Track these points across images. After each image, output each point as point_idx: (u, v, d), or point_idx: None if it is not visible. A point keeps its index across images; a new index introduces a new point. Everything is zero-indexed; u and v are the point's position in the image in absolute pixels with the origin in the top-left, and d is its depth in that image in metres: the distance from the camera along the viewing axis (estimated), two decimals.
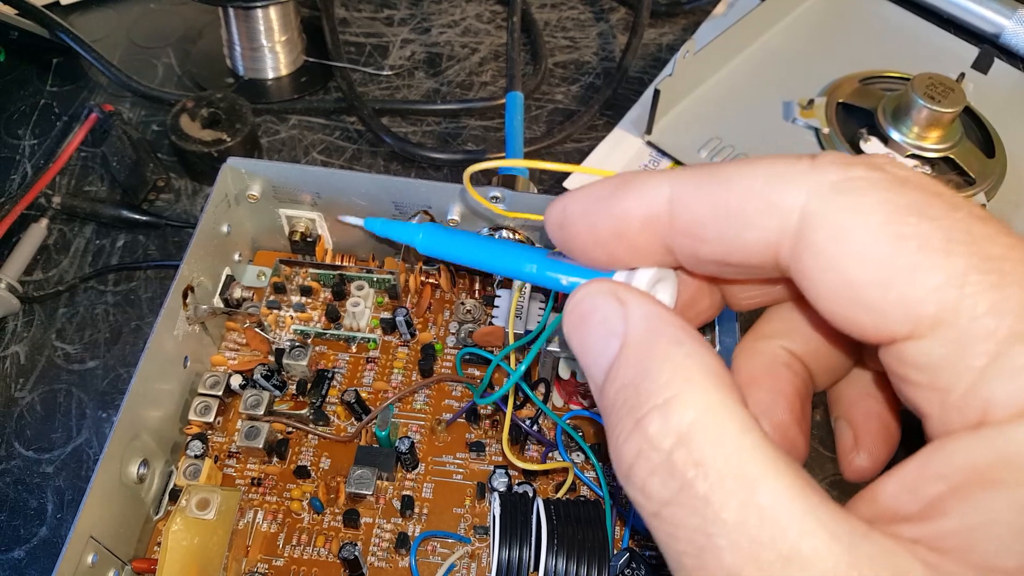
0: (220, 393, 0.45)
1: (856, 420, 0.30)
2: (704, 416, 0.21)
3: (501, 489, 0.42)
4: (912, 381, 0.21)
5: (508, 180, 0.52)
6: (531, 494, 0.42)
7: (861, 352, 0.29)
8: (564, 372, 0.44)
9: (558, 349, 0.43)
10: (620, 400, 0.22)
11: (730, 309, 0.30)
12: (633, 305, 0.24)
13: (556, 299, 0.40)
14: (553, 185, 0.60)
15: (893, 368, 0.22)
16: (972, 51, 0.69)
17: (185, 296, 0.44)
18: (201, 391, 0.46)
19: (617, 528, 0.43)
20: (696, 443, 0.20)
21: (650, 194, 0.24)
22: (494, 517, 0.39)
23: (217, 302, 0.48)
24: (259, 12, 0.62)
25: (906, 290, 0.20)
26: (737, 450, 0.20)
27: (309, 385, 0.47)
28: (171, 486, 0.43)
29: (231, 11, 0.62)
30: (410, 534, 0.43)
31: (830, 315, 0.22)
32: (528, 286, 0.48)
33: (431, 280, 0.51)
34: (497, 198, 0.46)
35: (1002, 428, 0.19)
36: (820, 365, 0.29)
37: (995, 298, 0.19)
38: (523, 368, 0.33)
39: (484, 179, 0.60)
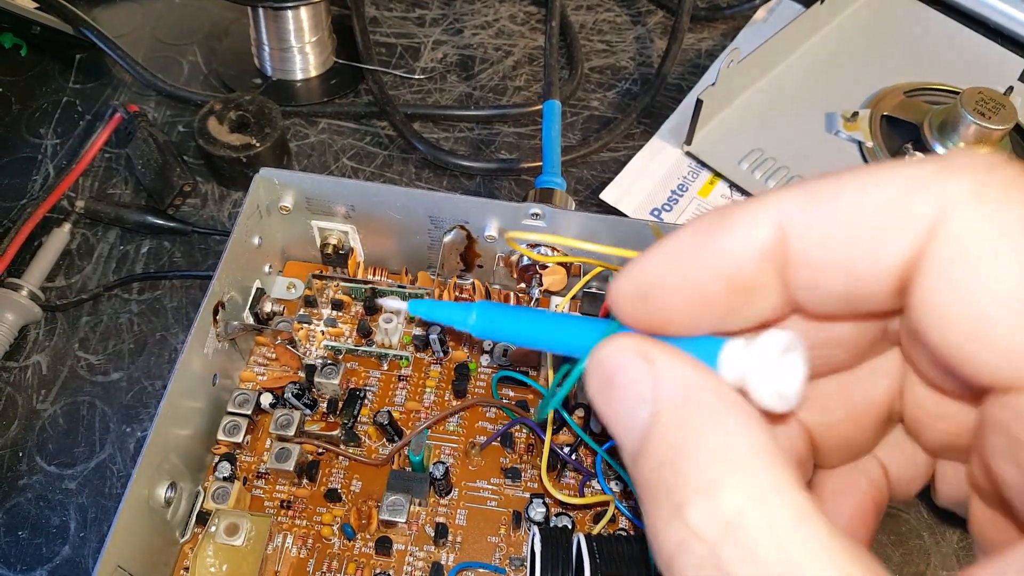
0: (250, 412, 0.44)
1: (835, 496, 0.27)
2: (754, 503, 0.18)
3: (538, 519, 0.41)
4: (1016, 437, 0.19)
5: (545, 194, 0.51)
6: (570, 526, 0.41)
7: (886, 430, 0.26)
8: None
9: None
10: (656, 479, 0.20)
11: None
12: (664, 367, 0.21)
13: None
14: (589, 196, 0.59)
15: (995, 422, 0.19)
16: (1020, 63, 0.67)
17: (216, 313, 0.42)
18: (231, 409, 0.44)
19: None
20: (745, 535, 0.18)
21: (756, 222, 0.20)
22: (534, 553, 0.37)
23: (247, 317, 0.46)
24: (289, 12, 0.60)
25: None
26: (794, 543, 0.17)
27: (340, 404, 0.46)
28: (198, 508, 0.42)
29: (260, 10, 0.60)
30: (443, 563, 0.41)
31: (942, 349, 0.19)
32: (566, 305, 0.47)
33: (464, 295, 0.50)
34: (537, 215, 0.45)
35: None
36: (834, 442, 0.26)
37: None
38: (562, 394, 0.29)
39: (520, 194, 0.58)
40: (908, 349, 0.24)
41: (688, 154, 0.60)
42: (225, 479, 0.42)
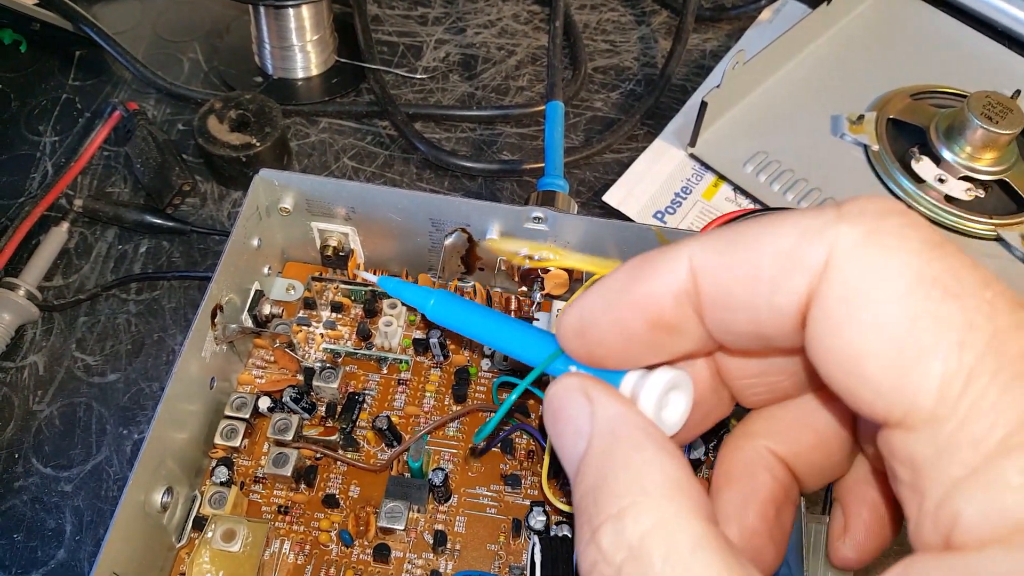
0: (247, 416, 0.44)
1: (849, 506, 0.28)
2: (656, 530, 0.20)
3: (539, 528, 0.41)
4: (896, 475, 0.20)
5: (548, 196, 0.50)
6: (571, 536, 0.40)
7: (859, 445, 0.27)
8: None
9: None
10: (583, 504, 0.21)
11: (741, 406, 0.28)
12: (600, 404, 0.23)
13: None
14: (591, 198, 0.58)
15: (884, 454, 0.20)
16: None
17: (214, 315, 0.42)
18: (228, 413, 0.44)
19: None
20: (646, 560, 0.19)
21: (673, 268, 0.22)
22: (534, 563, 0.37)
23: (246, 319, 0.46)
24: (291, 10, 0.60)
25: (907, 374, 0.18)
26: (688, 569, 0.19)
27: (339, 408, 0.45)
28: (195, 513, 0.42)
29: (261, 8, 0.60)
30: (442, 571, 0.41)
31: (831, 382, 0.20)
32: None
33: (466, 298, 0.49)
34: (539, 218, 0.44)
35: (966, 557, 0.17)
36: (808, 468, 0.27)
37: (996, 403, 0.17)
38: (508, 405, 0.30)
39: (522, 195, 0.58)
40: None
41: (692, 156, 0.60)
42: (222, 484, 0.42)
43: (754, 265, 0.21)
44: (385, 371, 0.47)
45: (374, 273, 0.50)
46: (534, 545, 0.38)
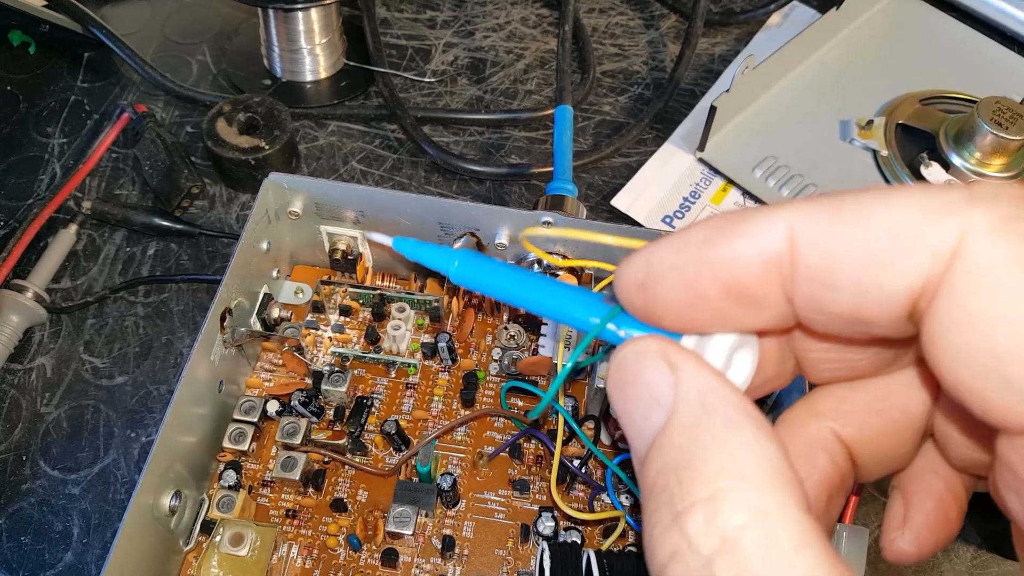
0: (256, 419, 0.43)
1: (912, 496, 0.26)
2: (756, 521, 0.17)
3: (547, 534, 0.41)
4: (1012, 484, 0.18)
5: (556, 201, 0.50)
6: (580, 541, 0.40)
7: (938, 438, 0.25)
8: None
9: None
10: (660, 484, 0.19)
11: (802, 378, 0.26)
12: (686, 374, 0.20)
13: None
14: (600, 202, 0.58)
15: (1010, 461, 0.19)
16: None
17: (223, 319, 0.42)
18: (236, 417, 0.44)
19: None
20: (742, 554, 0.17)
21: (767, 231, 0.19)
22: (543, 569, 0.37)
23: (255, 323, 0.46)
24: (300, 13, 0.59)
25: None
26: (792, 570, 0.17)
27: (347, 412, 0.45)
28: (203, 516, 0.41)
29: (271, 11, 0.60)
30: None
31: (955, 382, 0.18)
32: None
33: (474, 302, 0.49)
34: (548, 223, 0.44)
35: None
36: (873, 456, 0.25)
37: None
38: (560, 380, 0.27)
39: (531, 199, 0.57)
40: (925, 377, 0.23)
41: (701, 160, 0.60)
42: (230, 487, 0.42)
43: (869, 239, 0.18)
44: (393, 375, 0.47)
45: (383, 279, 0.50)
46: (543, 551, 0.37)
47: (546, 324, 0.47)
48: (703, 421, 0.19)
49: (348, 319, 0.49)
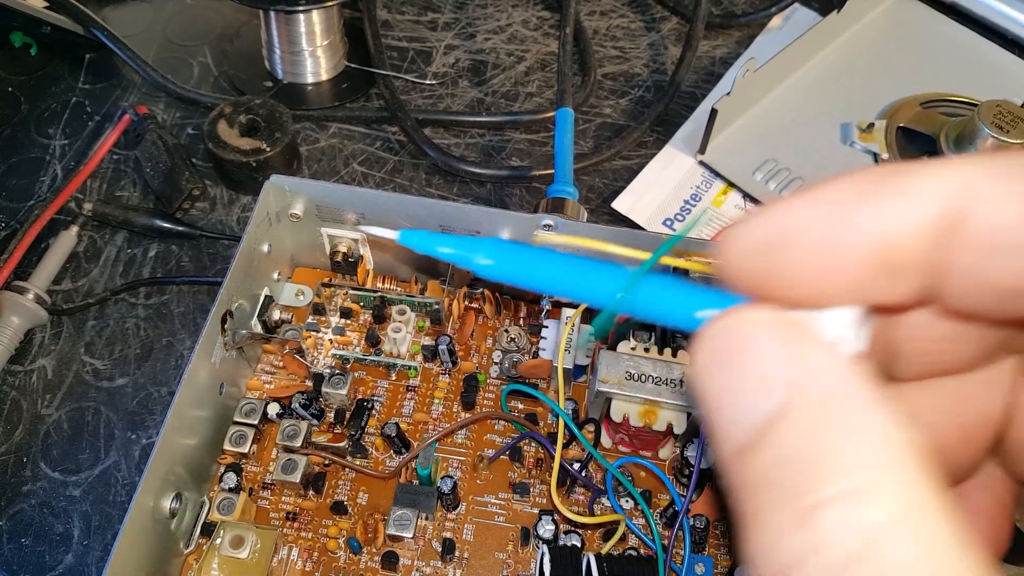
0: (256, 422, 0.44)
1: (964, 514, 0.24)
2: (907, 520, 0.15)
3: (547, 537, 0.41)
4: None
5: (557, 203, 0.50)
6: (580, 545, 0.40)
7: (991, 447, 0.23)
8: (616, 414, 0.42)
9: (608, 389, 0.41)
10: (774, 477, 0.16)
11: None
12: (816, 353, 0.17)
13: None
14: (600, 205, 0.58)
15: None
16: None
17: (224, 322, 0.42)
18: (237, 419, 0.44)
19: None
20: (891, 555, 0.14)
21: (933, 190, 0.17)
22: (543, 572, 0.37)
23: (255, 325, 0.46)
24: (301, 15, 0.60)
25: None
26: (946, 573, 0.14)
27: (348, 415, 0.45)
28: (203, 519, 0.42)
29: (272, 13, 0.60)
30: None
31: None
32: (578, 317, 0.46)
33: (474, 305, 0.49)
34: (549, 226, 0.44)
35: None
36: (940, 464, 0.24)
37: None
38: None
39: (531, 202, 0.57)
40: None
41: (701, 163, 0.60)
42: (231, 490, 0.42)
43: None
44: (394, 377, 0.47)
45: (383, 281, 0.50)
46: (543, 554, 0.37)
47: (546, 327, 0.47)
48: (835, 405, 0.17)
49: (349, 321, 0.49)
